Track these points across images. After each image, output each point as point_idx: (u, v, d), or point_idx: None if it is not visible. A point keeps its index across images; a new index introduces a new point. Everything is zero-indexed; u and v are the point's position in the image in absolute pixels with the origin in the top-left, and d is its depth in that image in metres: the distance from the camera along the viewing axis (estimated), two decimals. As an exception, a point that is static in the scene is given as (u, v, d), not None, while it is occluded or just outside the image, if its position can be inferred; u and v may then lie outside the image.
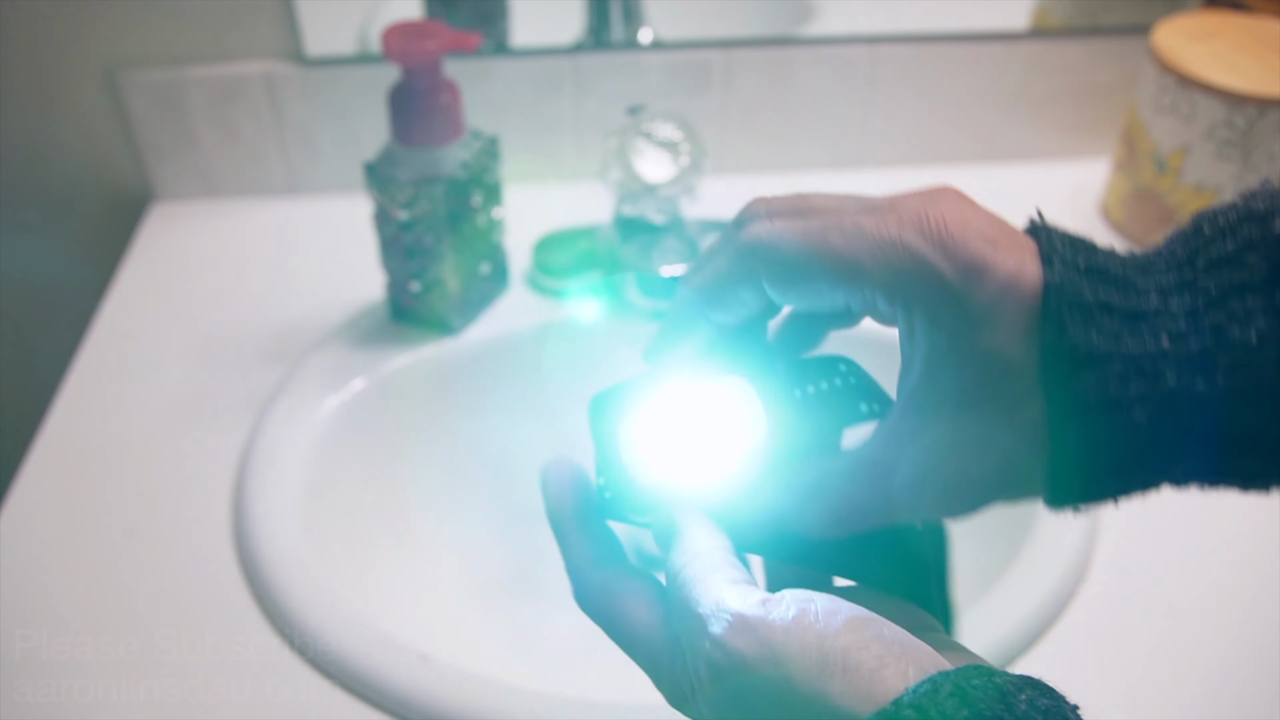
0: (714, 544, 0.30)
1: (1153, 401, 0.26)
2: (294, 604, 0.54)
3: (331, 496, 0.64)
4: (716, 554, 0.30)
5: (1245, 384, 0.25)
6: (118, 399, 0.67)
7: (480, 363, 0.71)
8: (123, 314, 0.75)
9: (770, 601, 0.27)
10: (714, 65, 0.84)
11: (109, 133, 0.82)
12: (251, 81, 0.80)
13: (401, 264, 0.68)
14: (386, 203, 0.65)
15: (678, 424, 0.33)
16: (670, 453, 0.33)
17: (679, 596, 0.29)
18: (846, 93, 0.86)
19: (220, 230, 0.83)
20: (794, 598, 0.27)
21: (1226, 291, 0.26)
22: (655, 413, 0.33)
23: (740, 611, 0.27)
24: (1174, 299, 0.27)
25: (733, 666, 0.26)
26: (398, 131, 0.64)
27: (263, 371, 0.69)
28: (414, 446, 0.71)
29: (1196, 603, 0.56)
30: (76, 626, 0.54)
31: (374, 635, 0.53)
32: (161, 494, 0.61)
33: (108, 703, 0.51)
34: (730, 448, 0.32)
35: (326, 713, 0.51)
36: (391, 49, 0.60)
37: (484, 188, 0.67)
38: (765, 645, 0.26)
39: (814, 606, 0.26)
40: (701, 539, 0.30)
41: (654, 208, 0.67)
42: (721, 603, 0.27)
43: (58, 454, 0.64)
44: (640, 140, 0.65)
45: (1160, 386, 0.26)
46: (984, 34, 0.85)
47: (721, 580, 0.28)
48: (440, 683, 0.51)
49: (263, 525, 0.58)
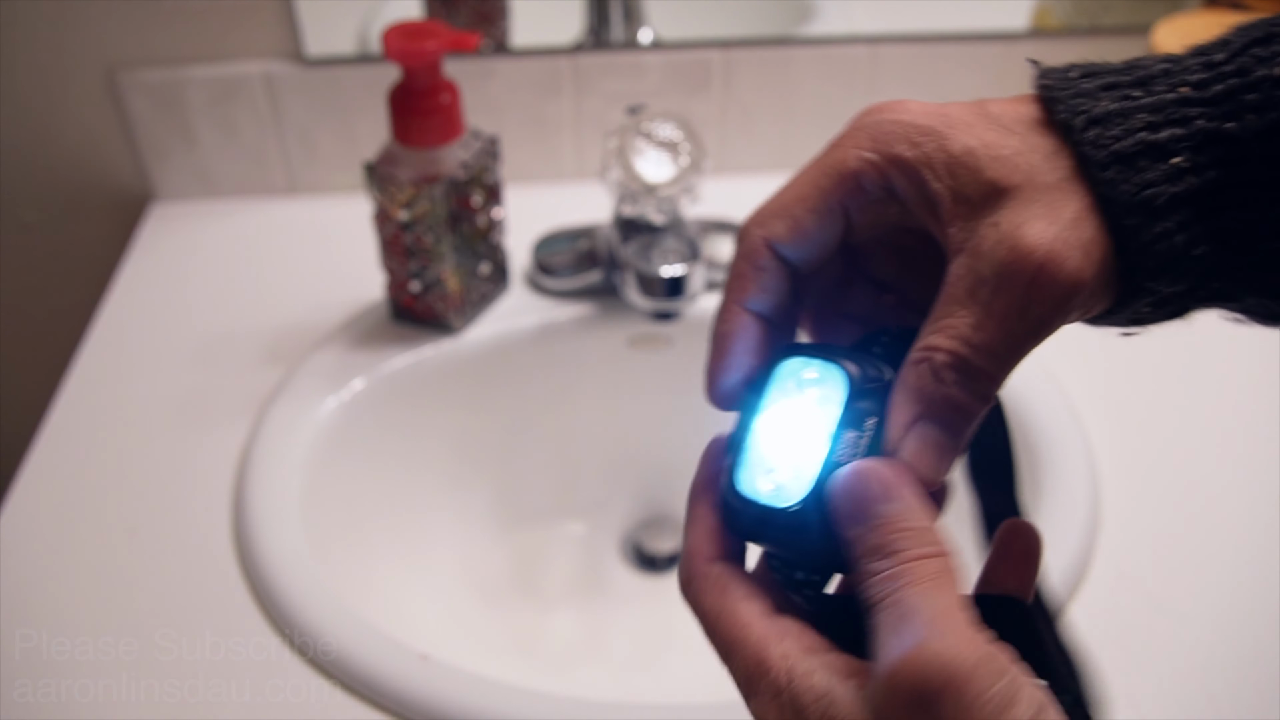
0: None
1: (1188, 144, 0.25)
2: (294, 604, 0.54)
3: (331, 496, 0.64)
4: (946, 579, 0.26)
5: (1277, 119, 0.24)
6: (118, 399, 0.67)
7: (480, 363, 0.71)
8: (123, 314, 0.75)
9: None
10: (714, 65, 0.84)
11: (109, 133, 0.82)
12: (251, 81, 0.80)
13: (401, 264, 0.68)
14: (386, 203, 0.65)
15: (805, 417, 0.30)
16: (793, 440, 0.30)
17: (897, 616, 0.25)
18: (846, 93, 0.86)
19: (220, 230, 0.83)
20: (1034, 698, 0.24)
21: (1247, 44, 0.26)
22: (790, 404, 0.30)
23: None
24: (1188, 59, 0.26)
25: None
26: (397, 131, 0.64)
27: (263, 371, 0.69)
28: (414, 447, 0.71)
29: (1196, 603, 0.56)
30: (76, 626, 0.54)
31: (374, 635, 0.53)
32: (161, 494, 0.61)
33: (108, 703, 0.51)
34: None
35: (326, 713, 0.51)
36: (391, 49, 0.60)
37: (484, 188, 0.67)
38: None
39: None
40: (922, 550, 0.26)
41: (654, 208, 0.67)
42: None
43: (58, 454, 0.64)
44: (640, 140, 0.65)
45: (1192, 129, 0.25)
46: (984, 34, 0.85)
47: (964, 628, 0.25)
48: (440, 683, 0.51)
49: (263, 525, 0.58)
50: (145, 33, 0.78)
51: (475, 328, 0.71)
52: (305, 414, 0.65)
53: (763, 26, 0.86)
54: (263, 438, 0.63)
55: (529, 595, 0.73)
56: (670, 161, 0.65)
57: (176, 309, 0.75)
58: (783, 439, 0.30)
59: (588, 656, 0.69)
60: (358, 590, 0.59)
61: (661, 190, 0.63)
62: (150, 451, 0.64)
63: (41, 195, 0.85)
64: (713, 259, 0.74)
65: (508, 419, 0.75)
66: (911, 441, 0.28)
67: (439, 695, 0.50)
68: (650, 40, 0.83)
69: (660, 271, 0.65)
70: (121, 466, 0.63)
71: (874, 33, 0.84)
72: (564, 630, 0.70)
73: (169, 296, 0.76)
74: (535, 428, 0.76)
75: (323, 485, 0.63)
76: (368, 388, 0.67)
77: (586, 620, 0.71)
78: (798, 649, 0.27)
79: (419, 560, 0.70)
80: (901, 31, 0.84)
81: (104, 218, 0.87)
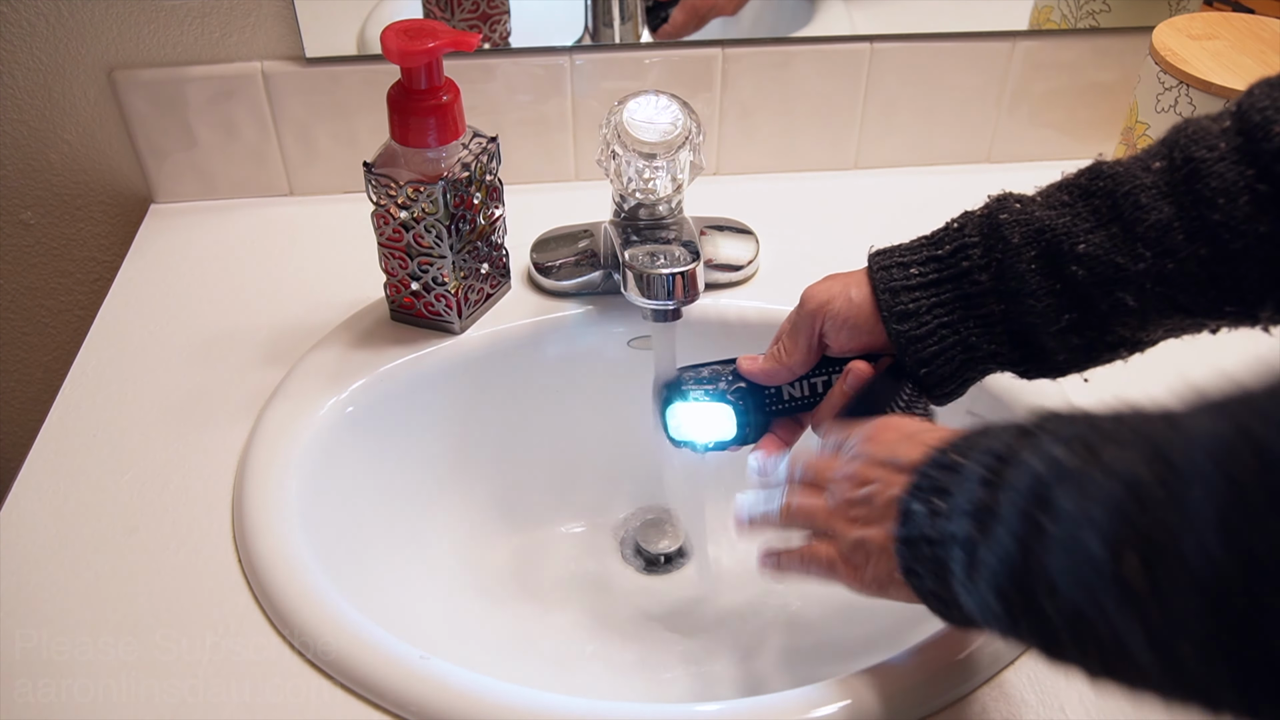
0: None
1: (919, 290, 0.51)
2: (294, 604, 0.54)
3: (331, 496, 0.64)
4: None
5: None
6: (118, 399, 0.67)
7: (480, 363, 0.71)
8: (123, 314, 0.75)
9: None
10: (714, 65, 0.84)
11: (109, 133, 0.82)
12: (251, 81, 0.80)
13: (401, 264, 0.68)
14: (387, 203, 0.65)
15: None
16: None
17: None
18: (846, 93, 0.86)
19: (220, 230, 0.83)
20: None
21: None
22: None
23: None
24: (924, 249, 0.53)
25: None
26: (397, 132, 0.64)
27: (262, 371, 0.69)
28: (414, 447, 0.71)
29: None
30: (76, 626, 0.54)
31: (374, 635, 0.53)
32: (161, 494, 0.61)
33: (108, 703, 0.51)
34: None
35: (326, 713, 0.51)
36: (391, 49, 0.60)
37: (484, 188, 0.67)
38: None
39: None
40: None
41: (654, 207, 0.67)
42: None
43: (58, 454, 0.64)
44: (634, 103, 0.64)
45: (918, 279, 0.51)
46: (984, 34, 0.85)
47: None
48: (440, 683, 0.51)
49: (263, 525, 0.58)
50: (145, 33, 0.78)
51: (475, 328, 0.71)
52: (305, 414, 0.65)
53: (763, 26, 0.86)
54: (262, 438, 0.63)
55: (529, 595, 0.73)
56: (667, 124, 0.63)
57: (176, 309, 0.75)
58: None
59: (588, 656, 0.69)
60: (357, 590, 0.59)
61: (661, 155, 0.62)
62: (150, 451, 0.64)
63: (41, 195, 0.85)
64: (713, 258, 0.74)
65: (507, 419, 0.75)
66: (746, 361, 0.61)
67: (439, 695, 0.50)
68: (650, 40, 0.83)
69: (660, 271, 0.65)
70: (121, 466, 0.63)
71: (874, 33, 0.84)
72: (564, 630, 0.70)
73: (169, 296, 0.76)
74: (535, 427, 0.76)
75: (322, 485, 0.63)
76: (368, 388, 0.67)
77: (586, 620, 0.71)
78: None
79: (418, 560, 0.70)
80: (901, 31, 0.84)
81: (104, 218, 0.87)
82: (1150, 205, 0.45)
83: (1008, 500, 0.36)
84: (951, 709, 0.51)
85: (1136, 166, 0.47)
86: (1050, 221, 0.48)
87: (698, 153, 0.64)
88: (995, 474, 0.37)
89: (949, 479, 0.40)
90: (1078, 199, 0.48)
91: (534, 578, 0.74)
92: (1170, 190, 0.45)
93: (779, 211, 0.84)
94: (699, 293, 0.64)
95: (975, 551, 0.37)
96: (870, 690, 0.50)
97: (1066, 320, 0.48)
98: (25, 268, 0.88)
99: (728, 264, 0.75)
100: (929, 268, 0.51)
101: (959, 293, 0.50)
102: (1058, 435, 0.36)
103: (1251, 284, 0.44)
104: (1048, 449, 0.35)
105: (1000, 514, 0.36)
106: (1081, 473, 0.33)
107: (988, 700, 0.52)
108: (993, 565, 0.36)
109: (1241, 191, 0.43)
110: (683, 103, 0.63)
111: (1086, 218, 0.47)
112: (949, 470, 0.40)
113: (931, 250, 0.51)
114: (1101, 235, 0.46)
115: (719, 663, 0.68)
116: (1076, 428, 0.35)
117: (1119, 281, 0.46)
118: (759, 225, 0.78)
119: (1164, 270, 0.45)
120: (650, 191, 0.64)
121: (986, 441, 0.39)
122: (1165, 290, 0.46)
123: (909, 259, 0.52)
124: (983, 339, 0.51)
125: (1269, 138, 0.43)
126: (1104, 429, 0.34)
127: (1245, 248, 0.43)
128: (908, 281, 0.51)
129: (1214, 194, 0.43)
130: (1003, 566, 0.36)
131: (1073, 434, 0.35)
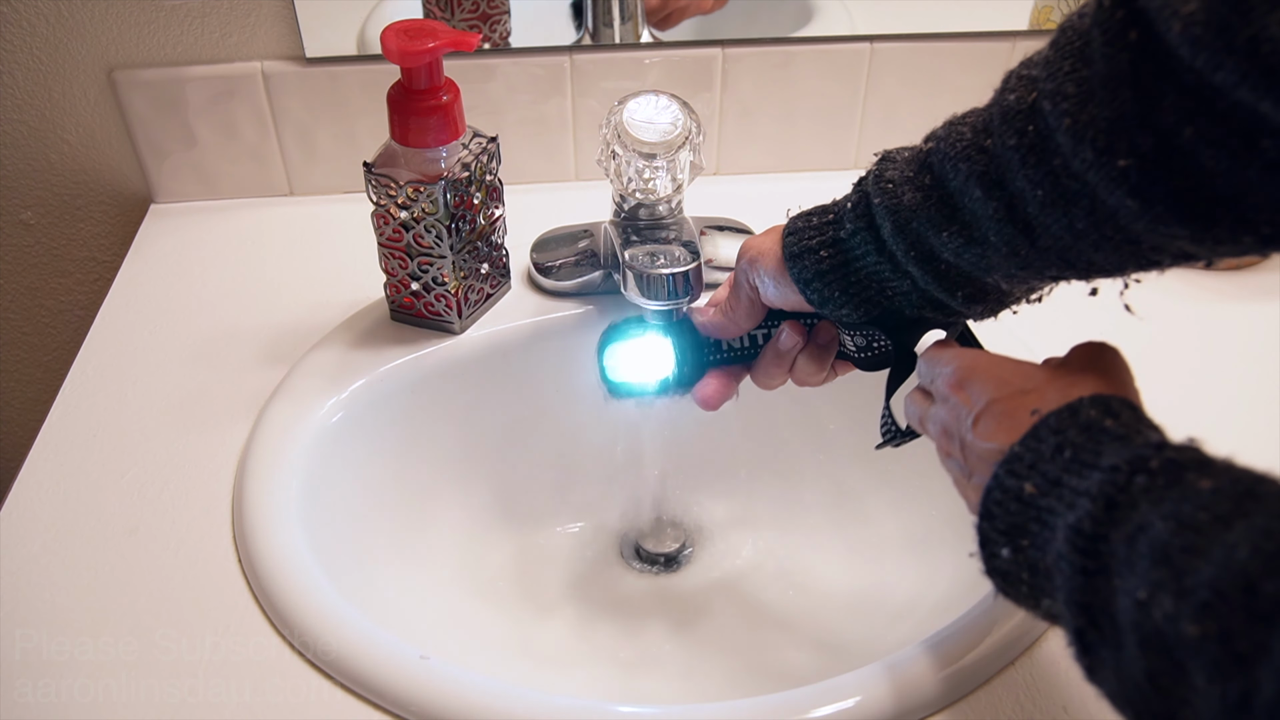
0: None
1: (829, 242, 0.53)
2: (294, 604, 0.54)
3: (331, 496, 0.64)
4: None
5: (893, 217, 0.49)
6: (118, 399, 0.68)
7: (480, 363, 0.71)
8: (123, 314, 0.75)
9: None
10: (714, 65, 0.84)
11: (109, 133, 0.82)
12: (251, 81, 0.80)
13: (401, 264, 0.68)
14: (386, 203, 0.65)
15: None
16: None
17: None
18: (846, 93, 0.86)
19: (220, 230, 0.83)
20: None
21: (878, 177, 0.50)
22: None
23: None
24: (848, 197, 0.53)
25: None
26: (397, 131, 0.64)
27: (262, 371, 0.69)
28: (413, 447, 0.71)
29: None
30: (76, 626, 0.54)
31: (374, 635, 0.53)
32: (161, 494, 0.61)
33: (108, 703, 0.51)
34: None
35: (326, 713, 0.51)
36: (391, 49, 0.60)
37: (484, 188, 0.67)
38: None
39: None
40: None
41: (654, 207, 0.67)
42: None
43: (58, 453, 0.64)
44: (634, 103, 0.64)
45: (833, 233, 0.52)
46: (984, 34, 0.85)
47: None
48: (440, 683, 0.51)
49: (263, 525, 0.58)
50: (145, 33, 0.78)
51: (475, 328, 0.71)
52: (305, 414, 0.65)
53: (763, 26, 0.86)
54: (262, 438, 0.63)
55: (529, 595, 0.73)
56: (667, 124, 0.63)
57: (176, 309, 0.75)
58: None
59: (588, 657, 0.69)
60: (358, 590, 0.59)
61: (661, 155, 0.62)
62: (150, 451, 0.64)
63: (41, 195, 0.85)
64: (713, 258, 0.74)
65: (507, 419, 0.75)
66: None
67: (439, 695, 0.50)
68: (650, 40, 0.83)
69: (660, 271, 0.65)
70: (121, 466, 0.63)
71: (874, 32, 0.84)
72: (564, 630, 0.70)
73: (169, 296, 0.76)
74: (535, 427, 0.76)
75: (322, 485, 0.63)
76: (368, 387, 0.67)
77: (586, 620, 0.71)
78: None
79: (419, 560, 0.70)
80: (901, 31, 0.84)
81: (104, 218, 0.87)
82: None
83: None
84: (952, 709, 0.51)
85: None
86: (911, 218, 0.48)
87: (698, 153, 0.64)
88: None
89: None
90: (931, 190, 0.49)
91: (534, 577, 0.74)
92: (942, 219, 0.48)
93: (779, 211, 0.84)
94: (699, 293, 0.64)
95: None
96: (872, 689, 0.50)
97: (958, 294, 0.50)
98: (25, 268, 0.88)
99: (728, 264, 0.75)
100: (825, 233, 0.53)
101: (843, 251, 0.52)
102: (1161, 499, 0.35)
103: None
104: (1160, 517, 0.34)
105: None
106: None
107: (988, 700, 0.52)
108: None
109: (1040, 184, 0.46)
110: (683, 103, 0.64)
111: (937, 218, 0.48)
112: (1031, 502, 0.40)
113: (822, 216, 0.53)
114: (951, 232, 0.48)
115: (719, 663, 0.68)
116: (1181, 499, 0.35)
117: (984, 271, 0.48)
118: (759, 225, 0.78)
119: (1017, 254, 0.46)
120: (650, 191, 0.65)
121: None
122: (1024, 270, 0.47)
123: (806, 224, 0.54)
124: (871, 268, 0.52)
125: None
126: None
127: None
128: (808, 243, 0.53)
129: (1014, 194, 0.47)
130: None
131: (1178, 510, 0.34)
